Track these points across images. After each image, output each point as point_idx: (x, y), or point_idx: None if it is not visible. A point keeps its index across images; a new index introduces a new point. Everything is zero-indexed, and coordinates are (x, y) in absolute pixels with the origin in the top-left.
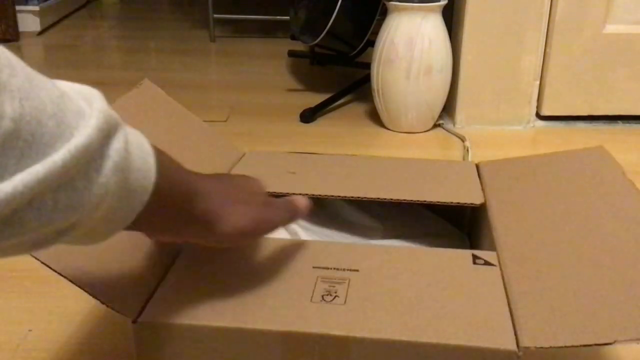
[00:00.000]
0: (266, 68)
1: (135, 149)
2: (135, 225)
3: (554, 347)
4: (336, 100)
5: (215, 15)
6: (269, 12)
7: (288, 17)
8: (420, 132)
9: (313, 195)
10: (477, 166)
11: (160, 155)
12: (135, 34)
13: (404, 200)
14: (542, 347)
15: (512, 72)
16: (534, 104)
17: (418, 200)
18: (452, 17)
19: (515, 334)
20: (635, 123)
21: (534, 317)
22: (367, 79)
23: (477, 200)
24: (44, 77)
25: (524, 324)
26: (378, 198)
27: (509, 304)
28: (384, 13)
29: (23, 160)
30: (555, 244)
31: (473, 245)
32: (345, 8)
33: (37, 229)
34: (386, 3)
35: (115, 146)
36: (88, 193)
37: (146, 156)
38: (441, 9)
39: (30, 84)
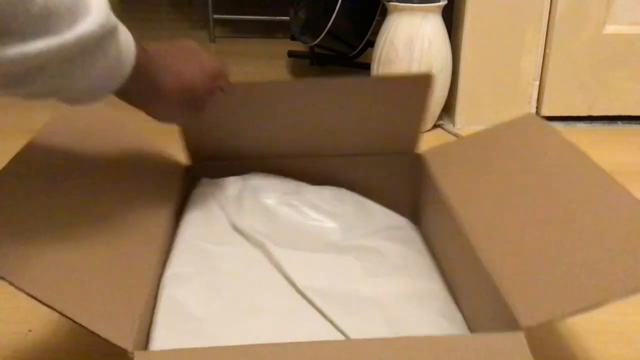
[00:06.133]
0: (266, 68)
1: (126, 36)
2: (116, 93)
3: (553, 320)
4: None
5: (215, 16)
6: (269, 12)
7: (288, 17)
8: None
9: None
10: (420, 156)
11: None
12: (135, 34)
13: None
14: (541, 323)
15: (512, 72)
16: (534, 104)
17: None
18: (452, 17)
19: (514, 316)
20: (635, 123)
21: (525, 295)
22: None
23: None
24: None
25: (518, 304)
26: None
27: (497, 287)
28: (384, 13)
29: (43, 29)
30: (520, 218)
31: (426, 235)
32: (345, 8)
33: (39, 88)
34: (386, 3)
35: (119, 36)
36: (90, 68)
37: (130, 43)
38: (441, 9)
39: None
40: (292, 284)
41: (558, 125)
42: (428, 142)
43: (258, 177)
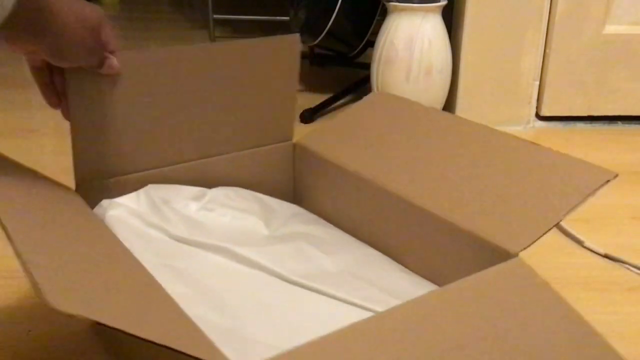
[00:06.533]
0: None
1: None
2: (14, 26)
3: (533, 241)
4: (336, 101)
5: (215, 16)
6: (269, 12)
7: (288, 17)
8: None
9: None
10: (297, 144)
11: None
12: (135, 34)
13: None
14: (526, 246)
15: (512, 72)
16: (534, 104)
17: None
18: (452, 17)
19: (501, 248)
20: (635, 123)
21: (495, 229)
22: (367, 79)
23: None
24: None
25: (496, 238)
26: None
27: (466, 230)
28: (384, 13)
29: None
30: (438, 172)
31: (323, 214)
32: (345, 8)
33: None
34: (386, 3)
35: None
36: None
37: None
38: (441, 9)
39: None
40: (278, 276)
41: (558, 125)
42: None
43: (159, 189)
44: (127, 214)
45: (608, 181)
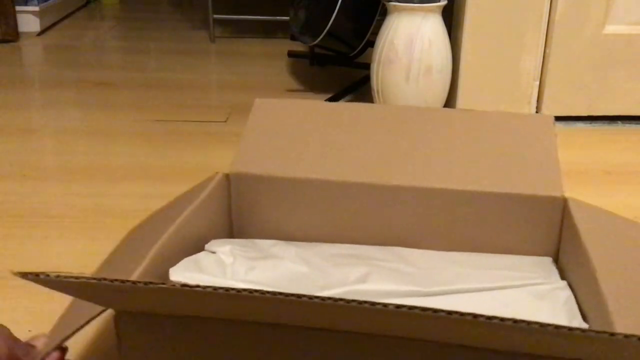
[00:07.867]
0: (266, 68)
1: None
2: None
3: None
4: (336, 101)
5: (215, 16)
6: (269, 12)
7: (288, 17)
8: None
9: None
10: (228, 176)
11: None
12: (135, 34)
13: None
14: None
15: (512, 72)
16: (534, 104)
17: None
18: (452, 17)
19: (549, 196)
20: (635, 123)
21: (523, 185)
22: (367, 79)
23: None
24: None
25: (535, 191)
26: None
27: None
28: (384, 13)
29: None
30: (415, 155)
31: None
32: (345, 8)
33: None
34: (386, 3)
35: None
36: None
37: None
38: (441, 9)
39: None
40: (416, 294)
41: (558, 125)
42: None
43: (184, 270)
44: None
45: (554, 123)
